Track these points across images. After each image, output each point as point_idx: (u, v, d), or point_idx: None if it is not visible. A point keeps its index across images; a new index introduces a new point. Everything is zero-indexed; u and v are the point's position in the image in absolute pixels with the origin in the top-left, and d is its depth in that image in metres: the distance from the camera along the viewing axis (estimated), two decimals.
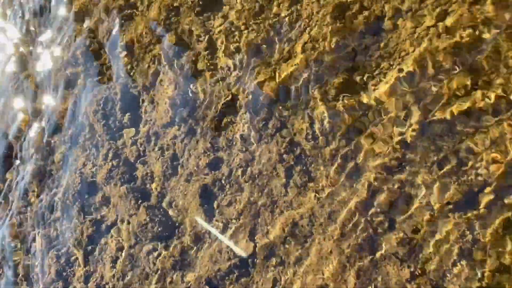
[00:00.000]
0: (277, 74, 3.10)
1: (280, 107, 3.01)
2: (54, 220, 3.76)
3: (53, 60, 4.32)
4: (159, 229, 3.25)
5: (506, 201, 2.25)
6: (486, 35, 2.45)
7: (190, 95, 3.41)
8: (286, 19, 3.17)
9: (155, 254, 3.24)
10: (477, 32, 2.48)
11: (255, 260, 2.83)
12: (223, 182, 3.11)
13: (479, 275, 2.22)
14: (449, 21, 2.57)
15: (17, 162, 4.22)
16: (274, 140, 2.98)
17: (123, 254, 3.34)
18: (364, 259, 2.51)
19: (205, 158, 3.22)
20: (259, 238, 2.87)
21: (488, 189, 2.29)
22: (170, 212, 3.27)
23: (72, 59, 4.14)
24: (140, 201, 3.39)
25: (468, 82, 2.45)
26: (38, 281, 3.66)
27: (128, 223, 3.39)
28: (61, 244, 3.64)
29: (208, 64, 3.39)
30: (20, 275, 3.79)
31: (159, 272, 3.18)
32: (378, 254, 2.48)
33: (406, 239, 2.44)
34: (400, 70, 2.67)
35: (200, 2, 3.54)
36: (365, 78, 2.81)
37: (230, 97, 3.23)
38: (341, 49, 2.92)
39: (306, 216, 2.76)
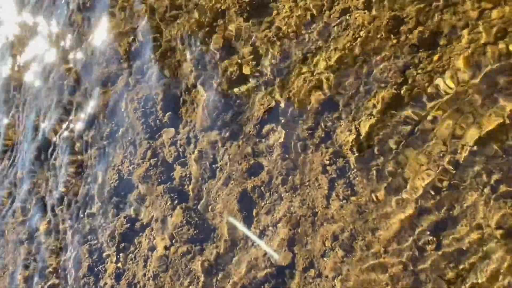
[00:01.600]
0: (324, 84, 3.09)
1: (326, 118, 3.00)
2: (88, 215, 3.82)
3: (95, 56, 4.39)
4: (195, 231, 3.26)
5: None
6: None
7: (233, 99, 3.42)
8: (335, 28, 3.16)
9: (189, 256, 3.25)
10: None
11: (293, 271, 2.82)
12: (262, 189, 3.11)
13: None
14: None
15: (53, 154, 4.29)
16: (318, 151, 2.97)
17: (157, 254, 3.37)
18: (408, 279, 2.48)
19: (245, 163, 3.22)
20: (297, 248, 2.86)
21: None
22: (207, 215, 3.28)
23: (114, 56, 4.20)
24: (176, 202, 3.41)
25: None
26: (69, 274, 3.71)
27: (163, 223, 3.41)
28: (94, 240, 3.69)
29: (253, 69, 3.41)
30: (51, 267, 3.84)
31: (192, 275, 3.20)
32: (423, 276, 2.45)
33: (453, 262, 2.40)
34: None
35: (248, 8, 3.55)
36: (414, 93, 2.78)
37: (274, 104, 3.23)
38: (392, 62, 2.89)
39: (347, 230, 2.74)
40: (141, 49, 4.06)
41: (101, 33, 4.39)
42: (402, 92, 2.80)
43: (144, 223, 3.52)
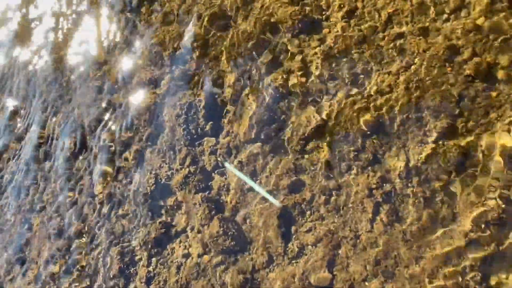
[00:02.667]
0: (373, 106, 3.11)
1: (374, 141, 3.02)
2: (121, 215, 3.86)
3: (138, 57, 4.45)
4: (231, 243, 3.29)
5: None
6: None
7: (278, 113, 3.46)
8: (389, 51, 3.19)
9: (223, 267, 3.28)
10: None
11: None
12: (303, 206, 3.14)
13: None
14: None
15: (90, 153, 4.35)
16: (365, 173, 2.99)
17: (190, 262, 3.40)
18: None
19: (287, 179, 3.25)
20: (337, 270, 2.88)
21: None
22: (244, 228, 3.31)
23: (158, 59, 4.27)
24: (213, 212, 3.45)
25: None
26: (99, 274, 3.75)
27: (199, 232, 3.45)
28: (127, 242, 3.73)
29: (301, 85, 3.44)
30: (79, 265, 3.89)
31: (225, 286, 3.22)
32: None
33: None
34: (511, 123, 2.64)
35: (299, 24, 3.60)
36: (469, 126, 2.79)
37: (320, 121, 3.26)
38: (447, 93, 2.91)
39: (391, 256, 2.75)
40: (186, 55, 4.12)
41: (146, 35, 4.46)
42: (456, 123, 2.81)
43: (179, 230, 3.55)
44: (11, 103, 5.51)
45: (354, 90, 3.23)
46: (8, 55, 6.01)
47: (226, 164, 3.24)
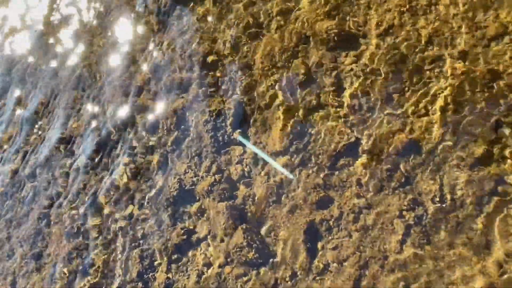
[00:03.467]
0: (408, 128, 3.11)
1: (408, 162, 3.01)
2: (142, 219, 3.86)
3: (166, 61, 4.47)
4: (255, 255, 3.28)
5: None
6: None
7: (309, 127, 3.45)
8: (427, 72, 3.19)
9: (245, 279, 3.27)
10: None
11: None
12: (331, 223, 3.13)
13: None
14: None
15: (112, 152, 4.35)
16: (396, 194, 2.98)
17: (211, 271, 3.39)
18: None
19: (315, 194, 3.24)
20: None
21: None
22: (268, 240, 3.30)
23: (187, 65, 4.28)
24: (238, 222, 3.44)
25: None
26: (117, 277, 3.74)
27: (222, 241, 3.44)
28: (146, 245, 3.73)
29: (333, 100, 3.44)
30: (97, 266, 3.88)
31: None
32: None
33: None
34: None
35: (335, 38, 3.60)
36: (507, 153, 2.78)
37: (353, 138, 3.26)
38: (485, 118, 2.90)
39: (420, 280, 2.73)
40: (217, 62, 4.13)
41: (177, 39, 4.48)
42: (493, 149, 2.80)
43: (201, 237, 3.54)
44: (36, 97, 5.54)
45: (389, 110, 3.22)
46: (38, 50, 6.06)
47: (239, 137, 3.27)
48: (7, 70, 6.34)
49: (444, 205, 2.82)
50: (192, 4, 4.61)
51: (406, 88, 3.22)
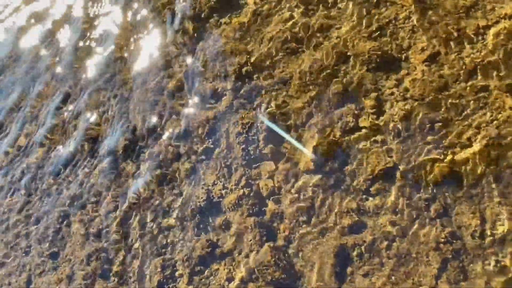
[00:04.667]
0: (449, 157, 3.06)
1: (447, 193, 2.96)
2: (166, 227, 3.83)
3: (200, 69, 4.47)
4: (281, 275, 3.23)
5: None
6: None
7: (344, 148, 3.42)
8: (471, 103, 3.15)
9: None
10: None
11: None
12: (363, 249, 3.07)
13: None
14: None
15: (139, 156, 4.34)
16: (433, 225, 2.92)
17: (234, 287, 3.34)
18: None
19: (348, 218, 3.20)
20: None
21: None
22: (295, 261, 3.25)
23: (221, 74, 4.27)
24: (265, 239, 3.40)
25: None
26: (134, 283, 3.71)
27: (247, 257, 3.39)
28: (168, 255, 3.69)
29: (372, 123, 3.40)
30: (116, 271, 3.85)
31: None
32: None
33: None
34: None
35: (377, 60, 3.58)
36: None
37: (390, 164, 3.21)
38: None
39: None
40: (252, 74, 4.12)
41: (213, 47, 4.48)
42: None
43: (225, 251, 3.50)
44: (62, 94, 5.57)
45: (430, 137, 3.17)
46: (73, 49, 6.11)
47: (260, 116, 3.29)
48: (31, 65, 6.40)
49: (484, 241, 2.76)
50: (230, 13, 4.61)
51: (449, 117, 3.18)
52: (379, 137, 3.35)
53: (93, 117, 5.05)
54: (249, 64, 4.20)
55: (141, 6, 5.63)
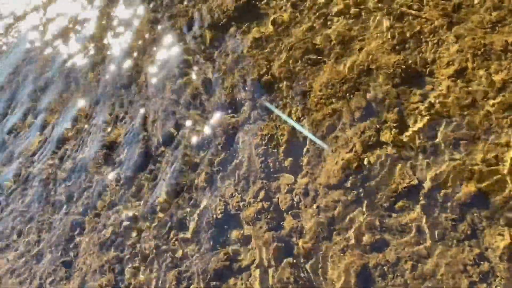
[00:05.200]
0: (476, 177, 2.99)
1: (475, 214, 2.89)
2: (182, 239, 3.77)
3: (218, 77, 4.43)
4: None
5: None
6: None
7: (366, 164, 3.35)
8: (499, 120, 3.08)
9: None
10: None
11: None
12: (386, 269, 3.00)
13: None
14: None
15: (156, 165, 4.29)
16: (461, 247, 2.85)
17: None
18: None
19: (370, 236, 3.13)
20: None
21: None
22: (314, 277, 3.19)
23: (240, 84, 4.23)
24: (283, 254, 3.33)
25: None
26: None
27: (265, 272, 3.33)
28: (184, 267, 3.64)
29: (394, 141, 3.34)
30: (129, 283, 3.80)
31: None
32: None
33: None
34: None
35: (402, 74, 3.52)
36: None
37: (415, 181, 3.14)
38: None
39: None
40: (272, 84, 4.08)
41: (231, 56, 4.44)
42: None
43: (243, 266, 3.44)
44: (77, 100, 5.55)
45: (456, 155, 3.11)
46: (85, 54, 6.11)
47: (267, 104, 3.25)
48: (42, 71, 6.39)
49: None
50: (249, 22, 4.57)
51: (475, 135, 3.11)
52: (403, 153, 3.28)
53: (109, 126, 5.01)
54: (268, 74, 4.15)
55: (158, 14, 5.60)
